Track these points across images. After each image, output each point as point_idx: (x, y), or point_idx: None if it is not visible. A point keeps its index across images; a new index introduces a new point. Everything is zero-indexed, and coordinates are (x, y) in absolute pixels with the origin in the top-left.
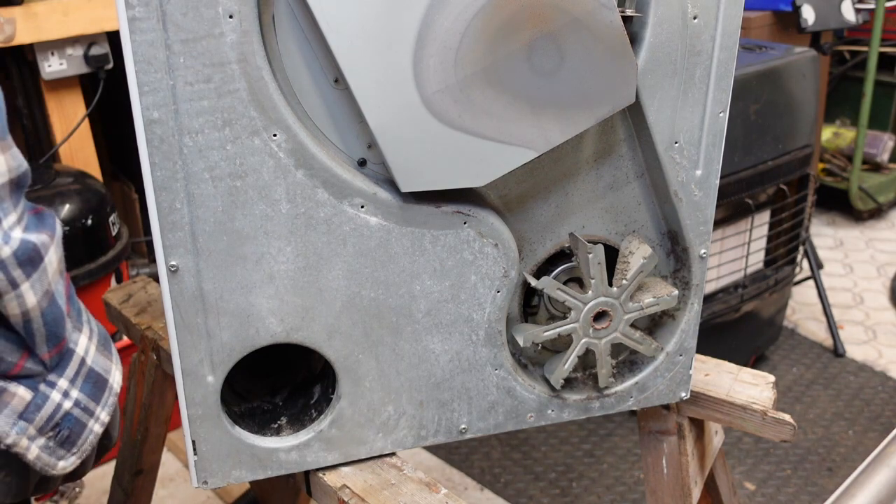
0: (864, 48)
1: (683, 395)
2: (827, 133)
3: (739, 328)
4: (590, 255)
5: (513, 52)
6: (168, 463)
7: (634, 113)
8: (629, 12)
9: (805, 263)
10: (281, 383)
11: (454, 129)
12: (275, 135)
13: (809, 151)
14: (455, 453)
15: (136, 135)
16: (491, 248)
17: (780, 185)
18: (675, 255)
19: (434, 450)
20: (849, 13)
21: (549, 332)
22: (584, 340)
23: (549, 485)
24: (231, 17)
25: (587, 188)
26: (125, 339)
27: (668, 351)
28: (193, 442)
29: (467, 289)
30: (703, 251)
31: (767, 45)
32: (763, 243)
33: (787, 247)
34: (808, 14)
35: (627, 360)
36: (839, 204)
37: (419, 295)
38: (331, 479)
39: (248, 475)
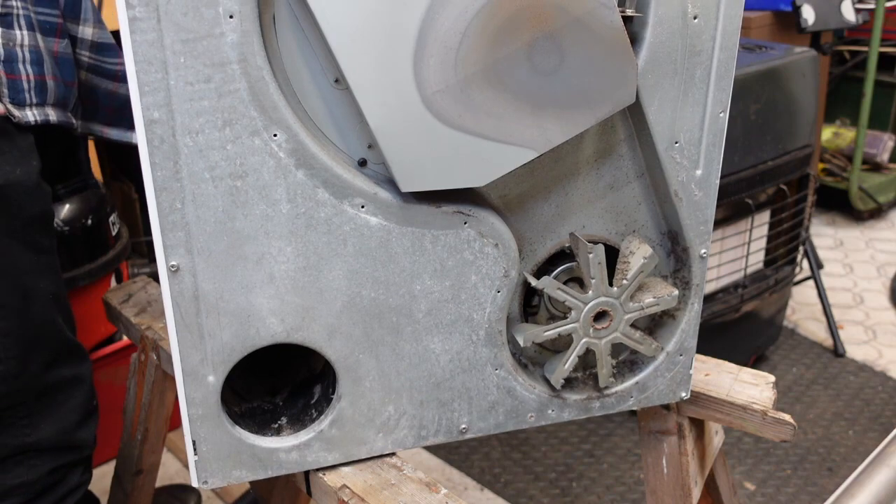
0: (864, 48)
1: (684, 394)
2: (827, 133)
3: (739, 328)
4: (590, 255)
5: (513, 52)
6: (168, 463)
7: (635, 113)
8: (629, 12)
9: (805, 263)
10: (281, 384)
11: (454, 128)
12: (275, 135)
13: (809, 151)
14: (455, 453)
15: (137, 134)
16: (491, 248)
17: (780, 185)
18: (676, 254)
19: (434, 450)
20: (849, 13)
21: (550, 332)
22: (584, 340)
23: (549, 485)
24: (231, 17)
25: (587, 188)
26: (125, 339)
27: (668, 351)
28: (194, 442)
29: (468, 289)
30: (703, 251)
31: (767, 45)
32: (763, 243)
33: (787, 247)
34: (808, 14)
35: (628, 360)
36: (839, 204)
37: (419, 295)
38: (331, 479)
39: (248, 475)
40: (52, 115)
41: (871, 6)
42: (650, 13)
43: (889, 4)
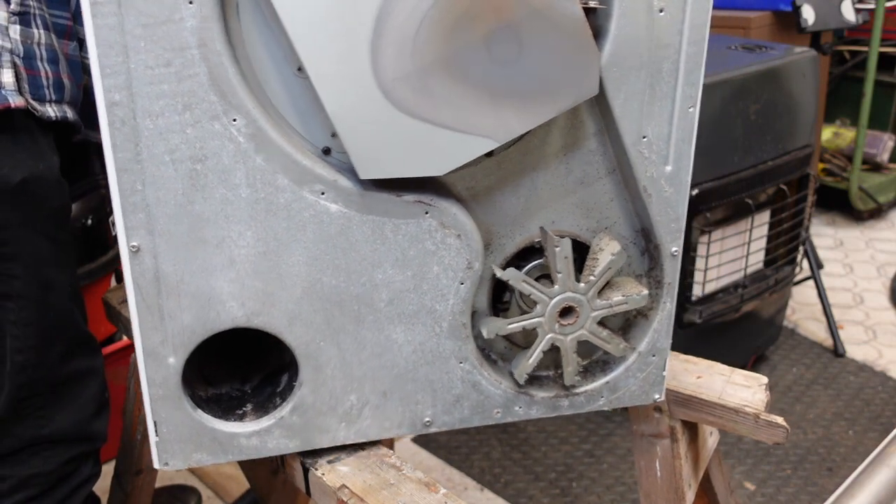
0: (864, 48)
1: (657, 396)
2: (827, 133)
3: (739, 328)
4: (556, 249)
5: (471, 43)
6: None
7: (602, 107)
8: (592, 4)
9: (805, 263)
10: (255, 372)
11: (413, 117)
12: (234, 119)
13: (809, 151)
14: (455, 453)
15: (99, 116)
16: (453, 239)
17: (780, 185)
18: (649, 252)
19: (434, 450)
20: (849, 13)
21: (514, 325)
22: (549, 336)
23: (549, 485)
24: (191, 2)
25: (557, 182)
26: (125, 339)
27: (640, 351)
28: (155, 423)
29: (430, 279)
30: (674, 249)
31: (767, 45)
32: (763, 243)
33: (787, 247)
34: (808, 14)
35: (600, 360)
36: (839, 204)
37: (381, 284)
38: (330, 479)
39: (209, 458)
40: (69, 112)
41: (871, 6)
42: (614, 5)
43: (889, 4)
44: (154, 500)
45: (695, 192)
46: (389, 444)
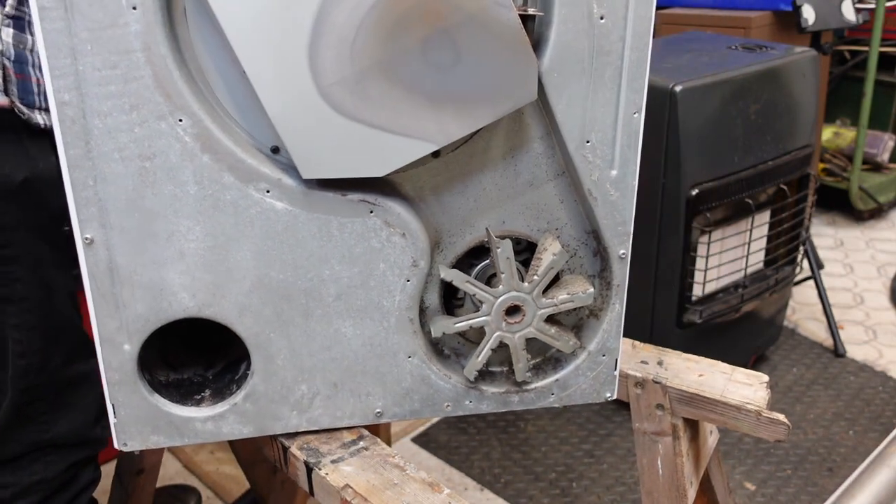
0: (865, 48)
1: (609, 395)
2: (827, 133)
3: (739, 328)
4: (498, 250)
5: (408, 48)
6: (168, 463)
7: (546, 111)
8: (532, 11)
9: (805, 263)
10: (218, 359)
11: (352, 119)
12: (180, 120)
13: (810, 151)
14: (455, 453)
15: (51, 114)
16: (399, 238)
17: (780, 185)
18: (600, 254)
19: (434, 450)
20: (849, 13)
21: (461, 324)
22: (497, 334)
23: (549, 485)
24: (135, 8)
25: (506, 184)
26: None
27: (589, 350)
28: (113, 405)
29: (376, 276)
30: (622, 251)
31: (767, 45)
32: (763, 243)
33: (787, 247)
34: (809, 14)
35: (553, 357)
36: (839, 204)
37: (328, 279)
38: (333, 478)
39: (165, 441)
40: None
41: (872, 6)
42: (554, 13)
43: (889, 4)
44: (154, 499)
45: (695, 192)
46: (387, 442)
